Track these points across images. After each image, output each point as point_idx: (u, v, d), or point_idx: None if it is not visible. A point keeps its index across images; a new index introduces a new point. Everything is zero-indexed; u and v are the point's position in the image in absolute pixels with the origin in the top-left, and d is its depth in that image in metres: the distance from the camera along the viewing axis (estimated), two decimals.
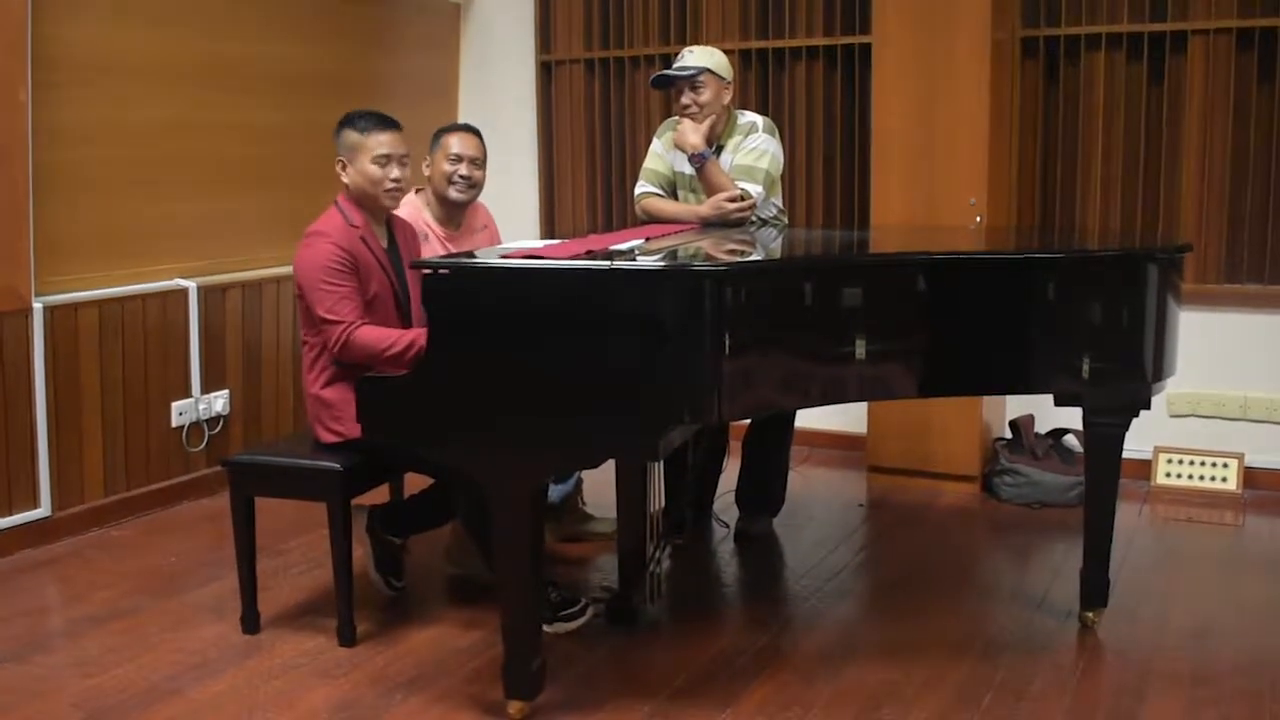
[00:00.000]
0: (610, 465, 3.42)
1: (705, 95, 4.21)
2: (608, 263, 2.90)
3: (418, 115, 4.15)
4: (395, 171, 3.69)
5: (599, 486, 4.36)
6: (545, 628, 3.38)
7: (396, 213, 3.87)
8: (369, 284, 3.63)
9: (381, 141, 3.67)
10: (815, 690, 3.28)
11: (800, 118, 5.71)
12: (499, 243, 4.37)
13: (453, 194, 4.10)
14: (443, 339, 2.97)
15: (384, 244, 3.75)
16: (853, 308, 3.21)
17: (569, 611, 3.68)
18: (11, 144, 4.24)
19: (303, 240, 3.64)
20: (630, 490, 3.84)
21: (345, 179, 3.69)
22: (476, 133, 4.19)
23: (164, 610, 3.89)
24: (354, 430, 3.40)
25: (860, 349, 3.17)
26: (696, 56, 4.23)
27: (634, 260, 2.98)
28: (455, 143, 4.10)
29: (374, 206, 3.72)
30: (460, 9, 6.42)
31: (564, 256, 3.05)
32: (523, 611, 3.06)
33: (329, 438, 3.67)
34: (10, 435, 4.37)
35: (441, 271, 3.04)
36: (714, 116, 4.23)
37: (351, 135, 3.68)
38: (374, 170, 3.66)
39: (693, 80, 4.20)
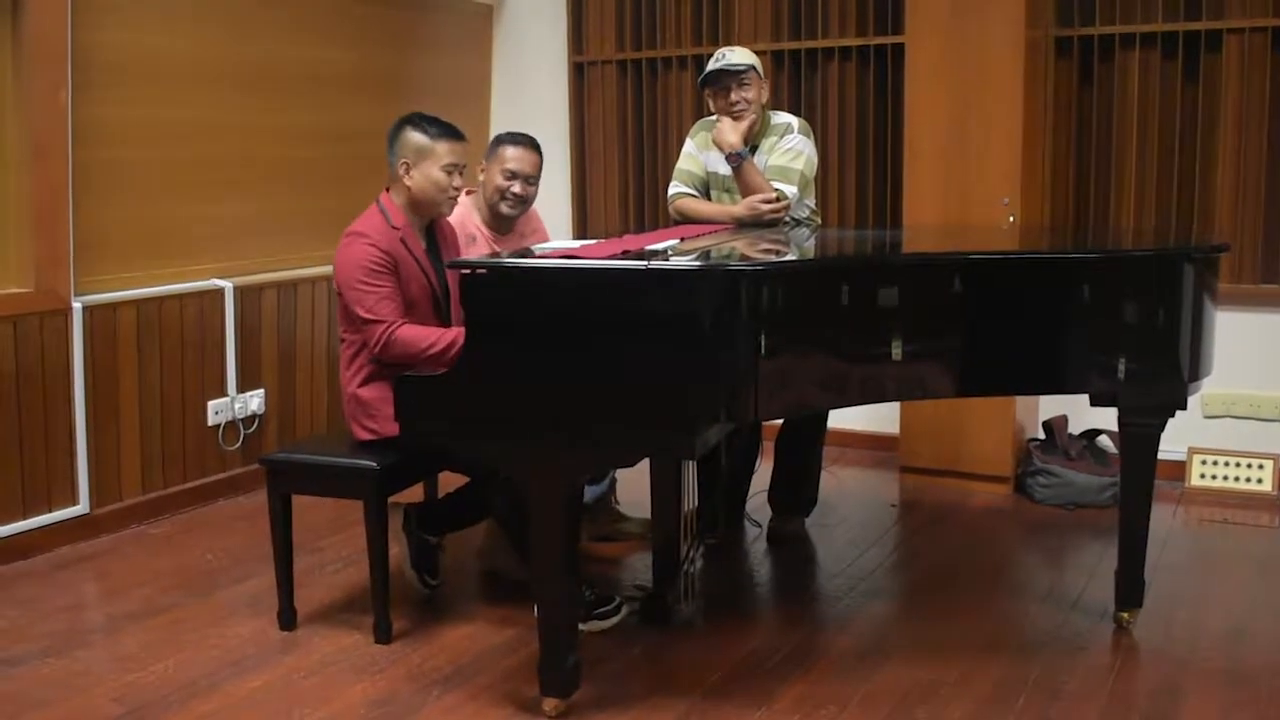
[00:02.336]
0: (644, 465, 3.43)
1: (751, 93, 4.22)
2: (643, 263, 2.92)
3: (450, 117, 4.14)
4: (458, 181, 3.71)
5: (632, 486, 4.37)
6: (580, 626, 3.39)
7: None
8: (409, 286, 3.64)
9: (453, 150, 3.68)
10: (849, 689, 3.28)
11: (833, 118, 5.71)
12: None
13: (503, 209, 4.11)
14: (480, 338, 2.99)
15: (424, 245, 3.76)
16: (888, 307, 3.22)
17: (603, 610, 3.70)
18: (52, 145, 4.29)
19: (342, 240, 3.66)
20: (664, 490, 3.85)
21: (408, 181, 3.68)
22: (536, 148, 4.15)
23: (202, 607, 3.93)
24: (390, 429, 3.42)
25: (895, 348, 3.17)
26: (739, 56, 4.24)
27: (669, 260, 2.99)
28: (512, 158, 4.08)
29: (430, 211, 3.74)
30: (492, 10, 6.45)
31: (600, 257, 3.06)
32: (558, 609, 3.07)
33: (365, 435, 3.69)
34: (49, 433, 4.42)
35: (479, 271, 3.06)
36: (753, 116, 4.24)
37: (419, 139, 3.67)
38: (443, 178, 3.67)
39: (740, 78, 4.21)
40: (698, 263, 3.11)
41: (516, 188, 4.09)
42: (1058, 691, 3.25)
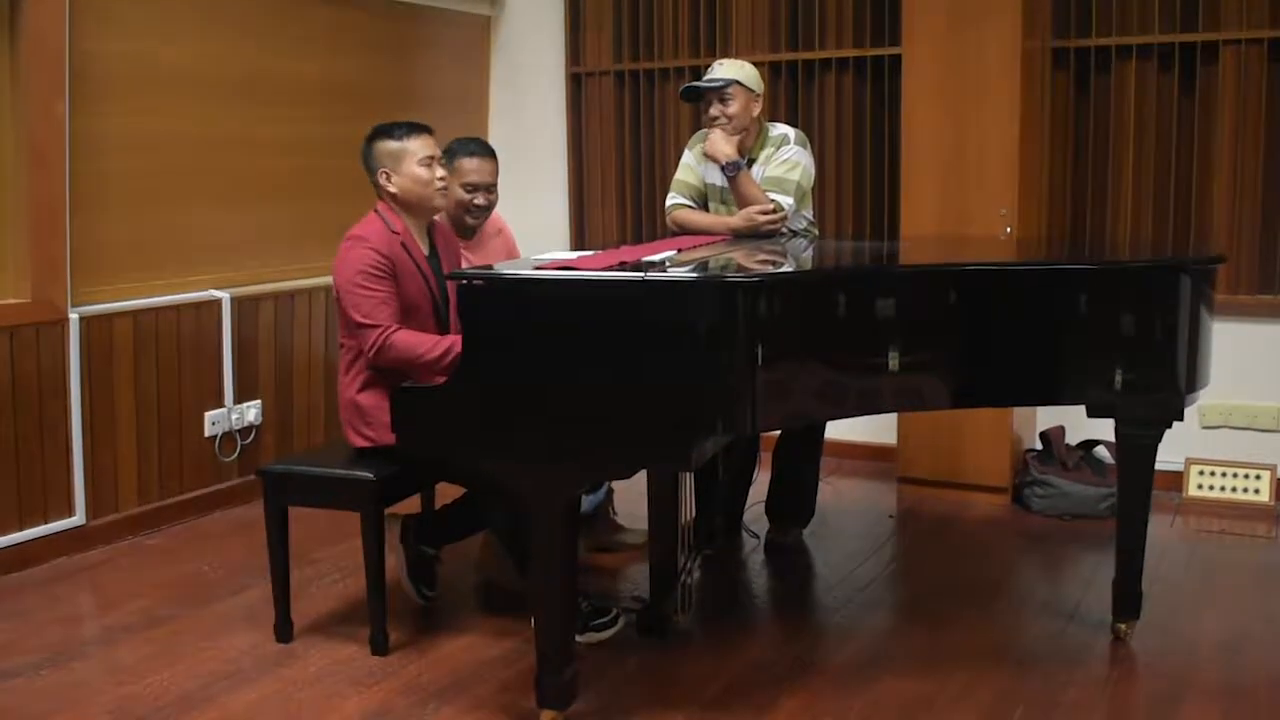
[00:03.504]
0: (641, 476, 3.43)
1: (733, 107, 4.22)
2: (641, 274, 2.92)
3: (449, 128, 4.18)
4: (440, 170, 3.75)
5: (630, 497, 4.37)
6: (577, 638, 3.39)
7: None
8: (407, 288, 3.64)
9: (424, 144, 3.72)
10: (848, 701, 3.27)
11: (830, 129, 5.71)
12: (513, 246, 4.40)
13: (468, 220, 4.16)
14: (477, 350, 2.99)
15: (425, 251, 3.77)
16: (885, 318, 3.22)
17: (600, 622, 3.69)
18: (49, 156, 4.29)
19: (342, 244, 3.66)
20: (661, 501, 3.84)
21: (392, 188, 3.70)
22: (492, 154, 4.18)
23: (198, 619, 3.92)
24: (386, 436, 3.42)
25: (893, 360, 3.17)
26: (726, 69, 4.25)
27: (666, 272, 2.99)
28: (471, 171, 4.10)
29: (424, 209, 3.75)
30: (490, 22, 6.45)
31: (597, 268, 3.06)
32: (556, 621, 3.06)
33: (360, 442, 3.69)
34: (46, 444, 4.41)
35: (476, 283, 3.05)
36: (744, 128, 4.24)
37: (389, 144, 3.70)
38: (422, 172, 3.70)
39: (721, 92, 4.21)
40: (695, 274, 3.10)
41: (479, 199, 4.14)
42: (1056, 702, 3.24)
